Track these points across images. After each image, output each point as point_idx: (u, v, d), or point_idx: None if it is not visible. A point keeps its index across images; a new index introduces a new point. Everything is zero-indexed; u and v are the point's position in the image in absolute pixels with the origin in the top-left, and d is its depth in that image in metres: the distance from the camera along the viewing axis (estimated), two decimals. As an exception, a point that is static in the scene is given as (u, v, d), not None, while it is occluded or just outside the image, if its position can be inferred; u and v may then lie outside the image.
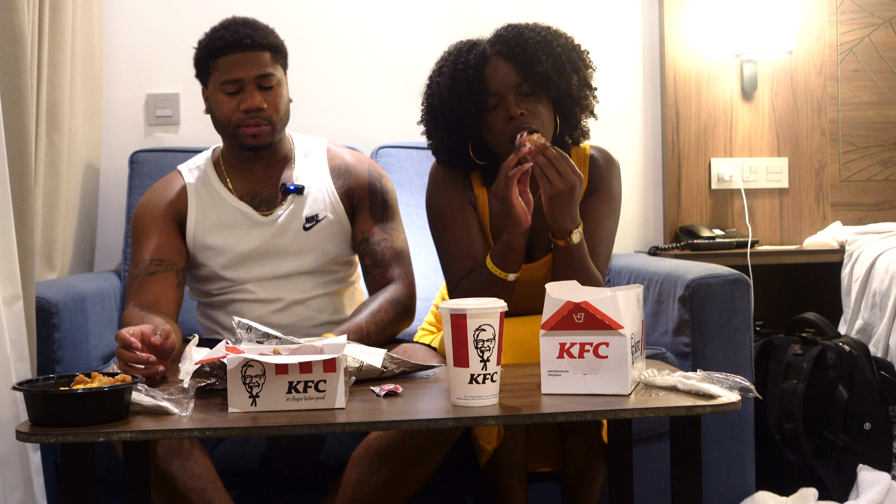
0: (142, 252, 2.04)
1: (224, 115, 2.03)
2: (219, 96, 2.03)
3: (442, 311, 1.45)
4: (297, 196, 2.10)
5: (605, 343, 1.48)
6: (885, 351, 2.60)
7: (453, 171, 2.07)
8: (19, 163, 1.87)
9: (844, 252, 2.89)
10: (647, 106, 3.12)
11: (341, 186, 2.13)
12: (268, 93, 2.03)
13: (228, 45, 2.01)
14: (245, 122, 2.01)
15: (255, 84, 2.01)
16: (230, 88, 2.01)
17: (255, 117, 2.01)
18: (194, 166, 2.16)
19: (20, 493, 1.81)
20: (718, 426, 2.24)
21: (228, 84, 2.01)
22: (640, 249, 3.09)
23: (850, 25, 3.14)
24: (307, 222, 2.10)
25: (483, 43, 2.02)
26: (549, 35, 2.00)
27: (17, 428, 1.37)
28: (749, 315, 2.25)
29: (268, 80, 2.03)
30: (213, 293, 2.11)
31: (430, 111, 2.05)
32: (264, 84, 2.02)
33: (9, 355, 1.77)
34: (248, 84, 2.01)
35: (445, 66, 2.02)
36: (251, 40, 2.01)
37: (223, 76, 2.02)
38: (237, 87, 2.01)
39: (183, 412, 1.43)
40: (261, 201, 2.11)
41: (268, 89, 2.03)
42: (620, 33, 3.10)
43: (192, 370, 1.55)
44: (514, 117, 1.94)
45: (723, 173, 3.09)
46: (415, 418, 1.43)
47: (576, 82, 2.01)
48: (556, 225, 1.89)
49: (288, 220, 2.09)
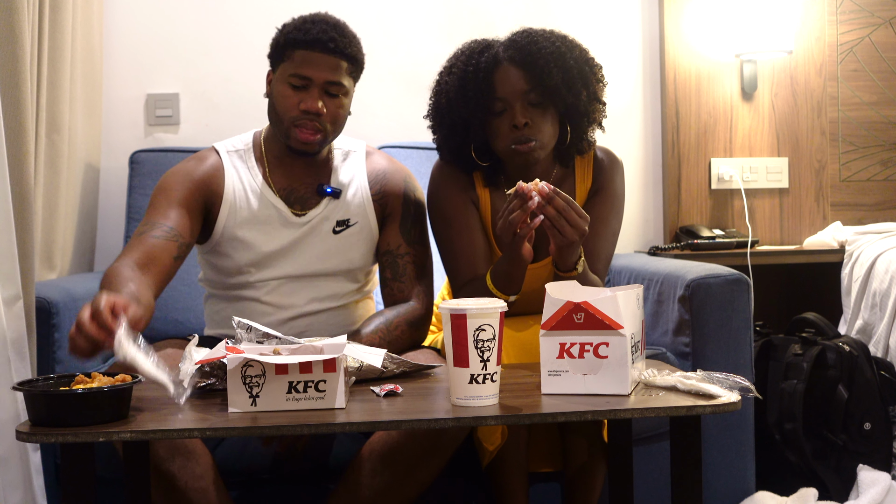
0: (157, 214, 1.96)
1: (283, 108, 1.98)
2: (283, 87, 1.98)
3: (442, 311, 1.45)
4: (333, 199, 2.06)
5: (605, 343, 1.48)
6: (885, 351, 2.60)
7: (456, 170, 2.07)
8: (19, 163, 1.87)
9: (844, 252, 2.89)
10: (647, 106, 3.12)
11: (377, 193, 2.09)
12: (332, 100, 1.98)
13: (311, 42, 1.96)
14: (300, 122, 1.96)
15: (322, 88, 1.97)
16: (297, 82, 1.96)
17: (313, 121, 1.96)
18: (234, 149, 2.09)
19: (20, 493, 1.81)
20: (718, 426, 2.24)
21: (297, 78, 1.96)
22: (640, 249, 3.09)
23: (850, 25, 3.14)
24: (338, 226, 2.06)
25: (496, 45, 2.00)
26: (563, 47, 1.98)
27: (17, 428, 1.37)
28: (749, 315, 2.25)
29: (335, 89, 1.98)
30: (228, 286, 2.07)
31: (436, 108, 2.05)
32: (331, 91, 1.98)
33: (9, 355, 1.77)
34: (316, 86, 1.96)
35: (456, 67, 2.00)
36: (335, 44, 1.96)
37: (295, 69, 1.96)
38: (305, 83, 1.96)
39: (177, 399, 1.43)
40: (296, 199, 2.06)
41: (333, 97, 1.98)
42: (620, 33, 3.11)
43: (192, 370, 1.56)
44: (518, 126, 1.94)
45: (723, 173, 3.09)
46: (415, 418, 1.43)
47: (585, 97, 2.00)
48: (563, 264, 1.87)
49: (319, 222, 2.05)
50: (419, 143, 2.77)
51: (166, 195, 1.99)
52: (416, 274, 2.06)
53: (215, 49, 2.91)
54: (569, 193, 2.07)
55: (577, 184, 2.07)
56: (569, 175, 2.08)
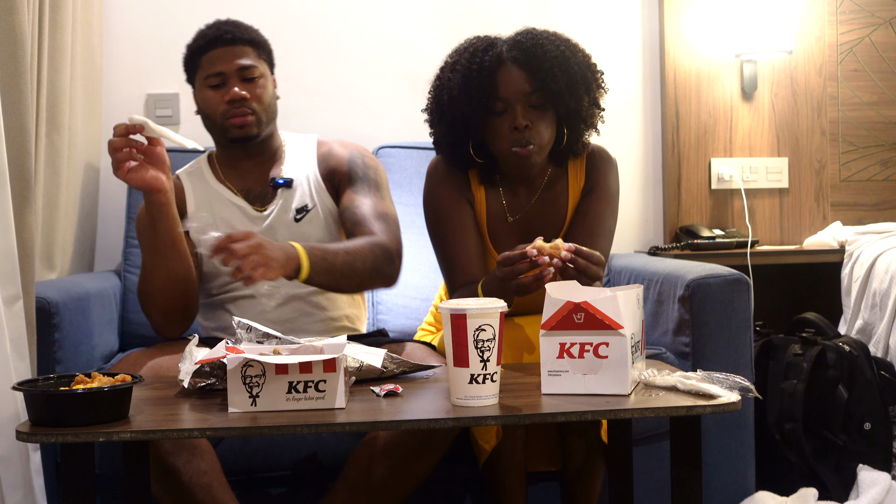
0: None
1: (211, 110, 2.10)
2: (205, 92, 2.11)
3: (442, 311, 1.45)
4: (287, 189, 2.13)
5: (605, 343, 1.48)
6: (885, 351, 2.60)
7: (451, 169, 2.07)
8: (19, 163, 1.87)
9: (844, 252, 2.89)
10: (648, 106, 3.12)
11: (324, 171, 2.16)
12: (250, 84, 2.09)
13: (210, 42, 2.10)
14: (231, 114, 2.07)
15: (238, 76, 2.08)
16: (214, 81, 2.09)
17: (240, 107, 2.07)
18: (191, 170, 2.22)
19: (20, 493, 1.81)
20: (718, 426, 2.24)
21: (212, 77, 2.08)
22: (640, 249, 3.09)
23: (850, 25, 3.14)
24: (297, 213, 2.12)
25: (500, 44, 1.99)
26: (567, 51, 1.98)
27: (17, 428, 1.37)
28: (749, 315, 2.25)
29: (250, 72, 2.09)
30: (213, 292, 2.12)
31: (437, 104, 2.04)
32: (246, 76, 2.09)
33: (9, 355, 1.77)
34: (231, 77, 2.08)
35: (460, 63, 1.99)
36: (232, 35, 2.10)
37: (207, 71, 2.09)
38: (220, 79, 2.08)
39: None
40: (254, 198, 2.14)
41: (250, 80, 2.09)
42: (620, 33, 3.10)
43: (192, 370, 1.56)
44: (518, 128, 1.94)
45: (723, 173, 3.09)
46: (415, 418, 1.43)
47: (586, 103, 2.00)
48: None
49: (280, 213, 2.12)
50: (419, 143, 2.77)
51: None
52: (377, 215, 2.07)
53: (215, 49, 2.91)
54: (562, 192, 2.07)
55: (570, 183, 2.08)
56: (562, 174, 2.08)
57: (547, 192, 2.07)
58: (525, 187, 2.07)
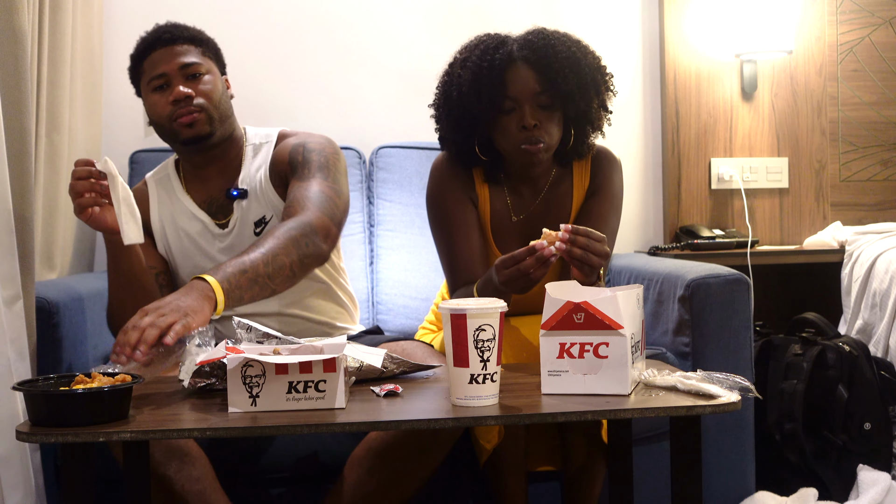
0: None
1: (158, 114, 2.01)
2: (150, 97, 2.03)
3: (442, 311, 1.45)
4: (242, 200, 2.05)
5: (605, 343, 1.48)
6: (885, 351, 2.60)
7: (455, 168, 2.06)
8: (19, 163, 1.87)
9: (844, 252, 2.89)
10: (648, 105, 3.12)
11: (272, 174, 2.05)
12: (195, 81, 2.01)
13: (150, 45, 2.03)
14: (177, 114, 1.99)
15: (181, 75, 2.00)
16: (157, 83, 2.01)
17: (185, 106, 1.98)
18: (158, 176, 2.16)
19: (20, 493, 1.81)
20: (718, 426, 2.24)
21: (155, 80, 2.01)
22: (640, 249, 3.09)
23: (850, 25, 3.14)
24: (256, 227, 2.04)
25: (511, 43, 1.98)
26: (578, 52, 1.97)
27: (17, 428, 1.37)
28: (749, 315, 2.25)
29: (192, 69, 2.01)
30: None
31: (445, 100, 2.03)
32: (190, 73, 2.01)
33: (9, 355, 1.77)
34: (174, 77, 2.00)
35: (470, 60, 1.98)
36: (171, 35, 2.03)
37: (149, 75, 2.02)
38: (163, 80, 2.01)
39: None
40: (217, 208, 2.08)
41: (194, 78, 2.01)
42: (620, 33, 3.11)
43: (192, 370, 1.56)
44: (527, 127, 1.93)
45: (723, 173, 3.09)
46: (415, 418, 1.43)
47: (595, 105, 2.00)
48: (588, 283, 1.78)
49: (241, 227, 2.05)
50: (419, 143, 2.77)
51: None
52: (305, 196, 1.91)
53: (215, 49, 2.91)
54: (567, 193, 2.07)
55: (574, 183, 2.08)
56: (567, 175, 2.08)
57: (551, 192, 2.07)
58: (529, 187, 2.07)
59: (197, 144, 2.03)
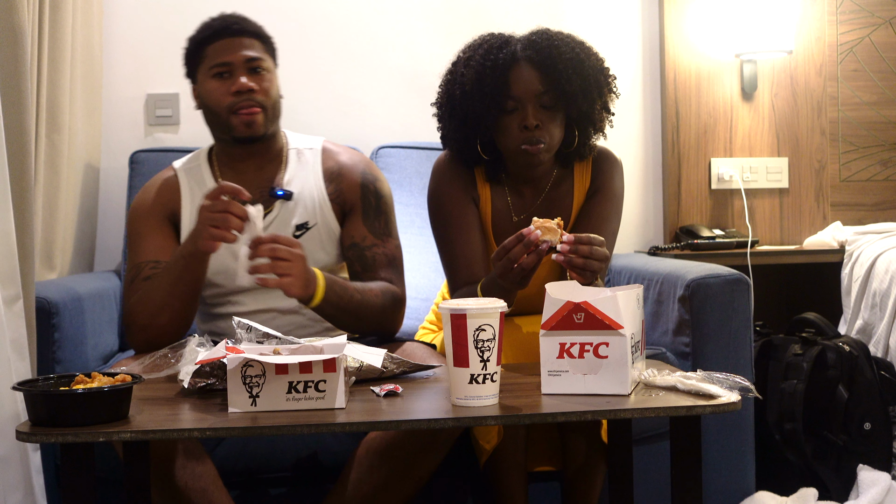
0: (137, 254, 2.02)
1: (216, 102, 2.01)
2: (209, 83, 2.02)
3: (442, 311, 1.45)
4: (286, 202, 2.06)
5: (605, 343, 1.48)
6: (885, 351, 2.60)
7: (457, 168, 2.06)
8: (19, 163, 1.87)
9: (844, 252, 2.89)
10: (648, 105, 3.13)
11: (333, 192, 2.08)
12: (258, 76, 2.02)
13: (217, 32, 2.03)
14: (238, 107, 1.99)
15: (245, 68, 2.01)
16: (220, 70, 2.01)
17: (248, 100, 1.99)
18: (189, 165, 2.14)
19: (20, 493, 1.81)
20: (718, 426, 2.24)
21: (218, 67, 2.01)
22: (640, 249, 3.09)
23: (850, 25, 3.14)
24: (297, 230, 2.05)
25: (514, 42, 1.98)
26: (582, 53, 1.97)
27: (17, 428, 1.37)
28: (749, 315, 2.25)
29: (257, 63, 2.02)
30: (206, 301, 2.09)
31: (448, 99, 2.03)
32: (253, 66, 2.02)
33: (9, 355, 1.77)
34: (238, 67, 2.01)
35: (474, 59, 1.98)
36: (239, 26, 2.03)
37: (212, 61, 2.02)
38: (226, 69, 2.01)
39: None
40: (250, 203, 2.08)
41: (257, 73, 2.02)
42: (620, 33, 3.11)
43: (192, 370, 1.56)
44: (529, 127, 1.93)
45: (723, 173, 3.09)
46: (415, 418, 1.43)
47: (598, 107, 2.00)
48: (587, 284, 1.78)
49: (278, 225, 2.05)
50: (419, 143, 2.77)
51: (138, 230, 2.05)
52: (387, 263, 2.05)
53: (215, 49, 2.91)
54: (568, 193, 2.07)
55: (575, 184, 2.08)
56: (568, 175, 2.08)
57: (553, 192, 2.07)
58: (531, 187, 2.07)
59: (248, 143, 2.04)
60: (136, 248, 2.04)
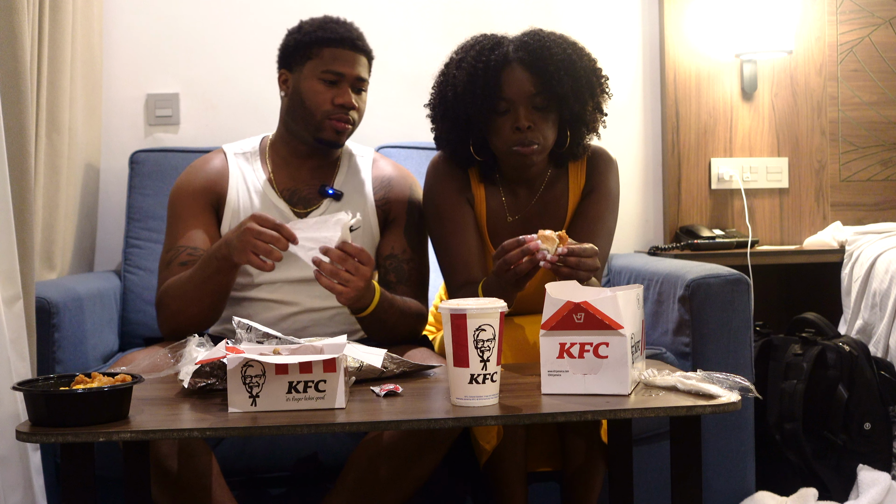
0: (176, 236, 2.03)
1: (315, 103, 2.03)
2: (315, 84, 2.04)
3: (442, 311, 1.45)
4: (334, 201, 2.09)
5: (605, 343, 1.48)
6: (885, 351, 2.60)
7: (452, 169, 2.06)
8: (19, 163, 1.87)
9: (844, 252, 2.89)
10: (647, 106, 3.12)
11: (381, 199, 2.13)
12: (359, 96, 2.08)
13: (341, 39, 2.05)
14: (336, 116, 2.03)
15: (353, 85, 2.06)
16: (330, 77, 2.04)
17: (346, 114, 2.04)
18: (241, 151, 2.15)
19: (20, 493, 1.81)
20: (718, 426, 2.24)
21: (329, 74, 2.03)
22: (640, 249, 3.09)
23: (850, 25, 3.14)
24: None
25: (506, 44, 1.99)
26: (574, 54, 1.97)
27: (17, 428, 1.37)
28: (749, 315, 2.25)
29: (361, 84, 2.08)
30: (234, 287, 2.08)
31: (440, 100, 2.03)
32: (358, 86, 2.07)
33: (9, 355, 1.77)
34: (347, 81, 2.05)
35: (466, 61, 1.98)
36: (362, 43, 2.08)
37: (327, 65, 2.04)
38: (336, 78, 2.04)
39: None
40: (299, 200, 2.10)
41: (359, 93, 2.08)
42: (620, 33, 3.10)
43: (192, 370, 1.56)
44: (521, 129, 1.93)
45: (723, 173, 3.09)
46: (415, 418, 1.43)
47: (590, 108, 2.00)
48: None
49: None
50: (419, 143, 2.77)
51: (180, 212, 2.06)
52: (419, 280, 2.10)
53: (215, 49, 2.91)
54: (562, 193, 2.07)
55: (570, 183, 2.08)
56: (562, 175, 2.08)
57: (547, 192, 2.07)
58: (525, 187, 2.07)
59: (327, 148, 2.09)
60: (175, 229, 2.05)
